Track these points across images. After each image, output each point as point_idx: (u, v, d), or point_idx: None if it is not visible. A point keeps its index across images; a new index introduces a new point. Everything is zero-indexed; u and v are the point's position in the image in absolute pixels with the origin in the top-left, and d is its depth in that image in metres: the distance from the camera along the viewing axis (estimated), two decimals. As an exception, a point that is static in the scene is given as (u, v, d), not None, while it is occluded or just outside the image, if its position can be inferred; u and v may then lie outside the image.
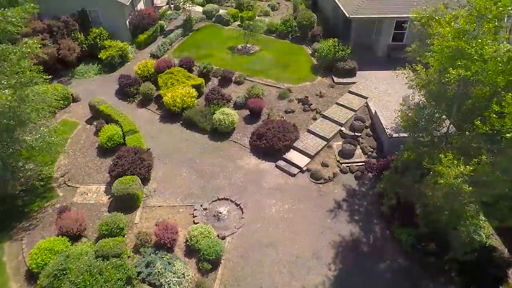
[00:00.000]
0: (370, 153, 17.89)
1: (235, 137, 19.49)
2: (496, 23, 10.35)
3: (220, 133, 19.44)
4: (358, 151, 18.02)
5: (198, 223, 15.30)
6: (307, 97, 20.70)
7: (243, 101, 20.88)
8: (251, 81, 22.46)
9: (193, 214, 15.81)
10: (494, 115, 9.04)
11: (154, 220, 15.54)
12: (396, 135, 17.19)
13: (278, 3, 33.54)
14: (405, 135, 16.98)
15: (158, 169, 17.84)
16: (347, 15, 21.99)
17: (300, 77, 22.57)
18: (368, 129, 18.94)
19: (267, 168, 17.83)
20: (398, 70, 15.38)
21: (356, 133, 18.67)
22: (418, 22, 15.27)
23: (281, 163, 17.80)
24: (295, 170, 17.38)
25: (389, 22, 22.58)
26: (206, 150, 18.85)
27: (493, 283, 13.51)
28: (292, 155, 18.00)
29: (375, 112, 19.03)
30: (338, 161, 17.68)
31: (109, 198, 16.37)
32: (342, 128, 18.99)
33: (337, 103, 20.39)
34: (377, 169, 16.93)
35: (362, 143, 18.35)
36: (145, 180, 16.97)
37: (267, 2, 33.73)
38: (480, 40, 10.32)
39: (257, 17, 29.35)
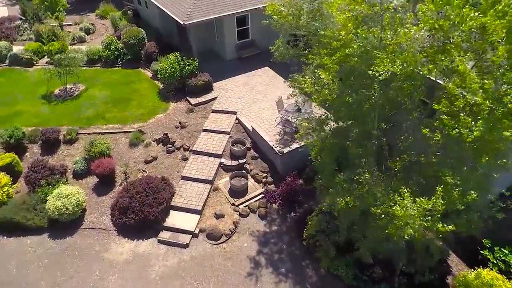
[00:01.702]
0: (265, 179, 14.86)
1: (89, 222, 13.93)
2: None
3: (65, 224, 13.61)
4: (251, 181, 14.78)
5: None
6: (167, 133, 16.36)
7: (85, 166, 15.26)
8: (88, 133, 16.83)
9: None
10: (445, 117, 6.66)
11: None
12: (288, 149, 14.52)
13: (92, 24, 27.44)
14: (297, 146, 14.55)
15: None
16: (182, 22, 18.22)
17: (149, 110, 17.97)
18: (252, 151, 15.87)
19: (148, 249, 13.04)
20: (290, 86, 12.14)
21: (239, 161, 15.37)
22: (277, 16, 12.58)
23: (164, 235, 13.25)
24: (186, 238, 13.10)
25: (229, 20, 19.74)
26: (50, 259, 12.83)
27: (442, 280, 12.25)
28: (174, 219, 13.62)
29: (252, 127, 16.02)
30: (233, 204, 14.10)
31: None
32: (222, 160, 15.43)
33: (204, 130, 16.67)
34: (281, 196, 14.07)
35: (251, 170, 15.16)
36: None
37: (78, 25, 27.34)
38: (390, 26, 7.86)
39: (70, 47, 23.06)
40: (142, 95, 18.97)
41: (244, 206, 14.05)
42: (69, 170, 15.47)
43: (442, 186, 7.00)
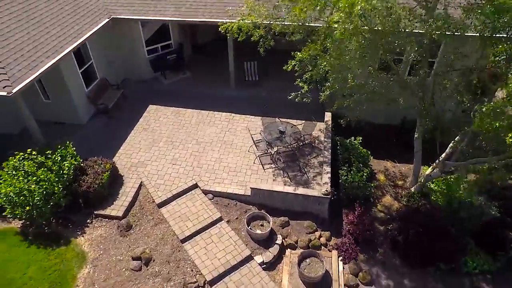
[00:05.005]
0: (322, 239, 10.17)
1: None
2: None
3: None
4: (326, 261, 9.72)
5: None
6: (139, 291, 8.40)
7: None
8: None
9: None
10: None
11: None
12: (327, 185, 10.20)
13: None
14: (326, 173, 10.63)
15: None
16: (6, 94, 8.96)
17: (50, 283, 8.67)
18: (272, 218, 10.43)
19: None
20: None
21: (276, 242, 9.83)
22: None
23: None
24: None
25: (67, 61, 11.39)
26: None
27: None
28: None
29: (253, 188, 10.40)
30: (336, 302, 9.01)
31: None
32: (259, 259, 9.45)
33: (184, 240, 9.59)
34: (356, 244, 10.12)
35: (296, 242, 9.99)
36: None
37: None
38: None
39: None
40: (-3, 267, 8.86)
41: (347, 291, 9.25)
42: None
43: None
